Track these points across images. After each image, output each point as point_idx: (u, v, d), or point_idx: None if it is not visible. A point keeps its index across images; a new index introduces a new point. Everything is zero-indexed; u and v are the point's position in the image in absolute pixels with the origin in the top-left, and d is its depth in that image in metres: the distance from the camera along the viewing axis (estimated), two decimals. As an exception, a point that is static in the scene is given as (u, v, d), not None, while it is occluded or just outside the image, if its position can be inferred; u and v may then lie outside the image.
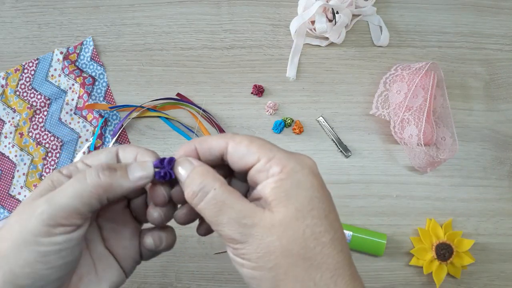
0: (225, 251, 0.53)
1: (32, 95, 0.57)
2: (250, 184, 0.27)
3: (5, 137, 0.56)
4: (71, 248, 0.25)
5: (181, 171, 0.26)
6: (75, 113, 0.57)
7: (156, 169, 0.26)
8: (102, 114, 0.56)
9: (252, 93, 0.57)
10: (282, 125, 0.56)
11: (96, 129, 0.56)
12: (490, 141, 0.57)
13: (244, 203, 0.25)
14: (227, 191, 0.25)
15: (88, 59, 0.58)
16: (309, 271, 0.24)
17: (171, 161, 0.27)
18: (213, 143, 0.27)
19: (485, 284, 0.53)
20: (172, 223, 0.31)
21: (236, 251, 0.25)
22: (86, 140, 0.56)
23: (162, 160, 0.27)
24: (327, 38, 0.59)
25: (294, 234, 0.24)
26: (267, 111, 0.56)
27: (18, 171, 0.55)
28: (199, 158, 0.27)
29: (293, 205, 0.24)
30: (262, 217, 0.24)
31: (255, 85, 0.57)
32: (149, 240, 0.30)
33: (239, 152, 0.26)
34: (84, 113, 0.57)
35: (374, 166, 0.56)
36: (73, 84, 0.57)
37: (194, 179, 0.25)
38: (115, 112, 0.57)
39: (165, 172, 0.26)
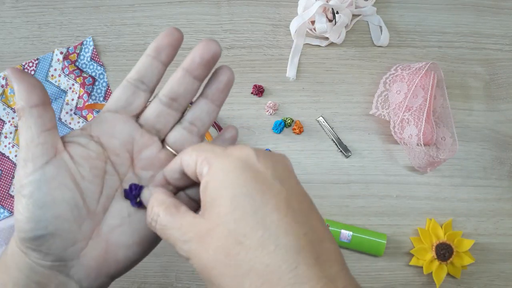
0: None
1: (32, 95, 0.57)
2: None
3: (5, 137, 0.56)
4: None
5: (145, 202, 0.26)
6: (75, 113, 0.57)
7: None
8: (102, 114, 0.56)
9: (252, 93, 0.57)
10: (282, 125, 0.56)
11: (96, 129, 0.56)
12: (490, 141, 0.57)
13: (185, 219, 0.23)
14: (169, 214, 0.24)
15: (88, 59, 0.58)
16: (237, 280, 0.21)
17: (136, 189, 0.27)
18: (171, 165, 0.26)
19: (485, 284, 0.53)
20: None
21: (190, 263, 0.23)
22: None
23: (131, 187, 0.27)
24: (327, 38, 0.59)
25: (219, 243, 0.21)
26: (267, 111, 0.56)
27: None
28: (169, 184, 0.27)
29: (216, 209, 0.22)
30: (196, 229, 0.23)
31: (255, 85, 0.57)
32: None
33: (186, 163, 0.25)
34: (84, 113, 0.57)
35: (374, 166, 0.56)
36: (73, 84, 0.57)
37: (147, 212, 0.25)
38: (115, 112, 0.57)
39: (134, 202, 0.27)
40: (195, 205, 0.28)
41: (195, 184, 0.26)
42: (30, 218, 0.24)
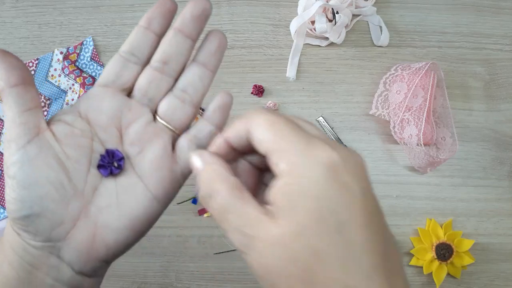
0: (225, 251, 0.53)
1: (32, 95, 0.57)
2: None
3: (5, 137, 0.56)
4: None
5: (194, 170, 0.24)
6: (75, 113, 0.57)
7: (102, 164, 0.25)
8: (102, 114, 0.56)
9: (252, 93, 0.57)
10: None
11: (96, 129, 0.56)
12: (490, 141, 0.57)
13: (249, 209, 0.21)
14: (233, 196, 0.22)
15: (88, 59, 0.58)
16: None
17: (114, 155, 0.25)
18: (236, 131, 0.24)
19: (485, 284, 0.53)
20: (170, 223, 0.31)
21: (243, 256, 0.22)
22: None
23: (108, 153, 0.25)
24: (327, 38, 0.59)
25: (294, 255, 0.20)
26: None
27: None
28: (233, 149, 0.25)
29: (295, 218, 0.20)
30: (264, 229, 0.21)
31: (255, 85, 0.57)
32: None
33: (256, 138, 0.23)
34: (84, 113, 0.57)
35: (374, 166, 0.56)
36: (73, 84, 0.57)
37: (202, 182, 0.23)
38: (115, 112, 0.57)
39: (109, 172, 0.25)
40: (254, 172, 0.25)
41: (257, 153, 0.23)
42: (15, 199, 0.24)
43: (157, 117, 0.27)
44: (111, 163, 0.25)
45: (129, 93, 0.27)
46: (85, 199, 0.25)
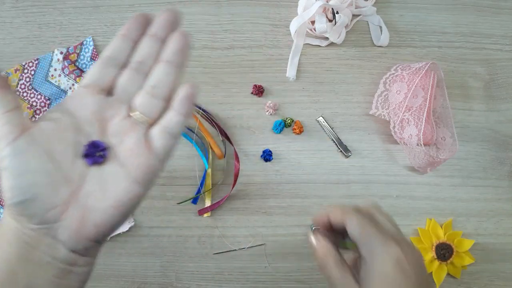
0: (225, 251, 0.53)
1: (32, 95, 0.57)
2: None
3: (5, 137, 0.56)
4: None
5: (312, 247, 0.36)
6: (75, 113, 0.57)
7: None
8: (102, 114, 0.56)
9: (252, 93, 0.57)
10: (282, 125, 0.56)
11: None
12: (490, 141, 0.57)
13: (346, 279, 0.33)
14: (338, 268, 0.34)
15: (88, 59, 0.58)
16: None
17: (97, 146, 0.29)
18: (336, 218, 0.36)
19: (485, 284, 0.53)
20: (169, 223, 0.31)
21: None
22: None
23: (92, 144, 0.29)
24: (327, 38, 0.59)
25: None
26: (267, 111, 0.56)
27: None
28: (330, 224, 0.37)
29: None
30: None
31: (255, 85, 0.57)
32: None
33: (349, 229, 0.35)
34: (84, 113, 0.57)
35: (374, 166, 0.56)
36: (73, 84, 0.57)
37: (317, 256, 0.35)
38: (115, 112, 0.57)
39: (93, 160, 0.29)
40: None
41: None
42: (9, 187, 0.27)
43: (130, 113, 0.30)
44: (95, 153, 0.29)
45: (108, 92, 0.31)
46: (74, 186, 0.28)
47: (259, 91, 0.57)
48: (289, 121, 0.56)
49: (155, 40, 0.31)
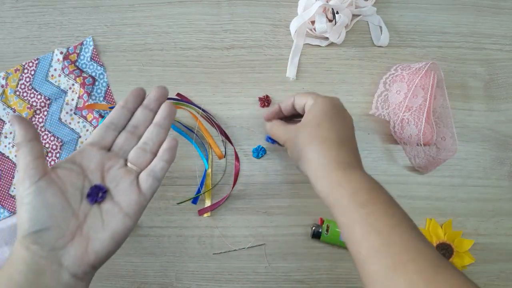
0: (225, 251, 0.53)
1: (32, 95, 0.57)
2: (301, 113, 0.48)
3: (5, 137, 0.56)
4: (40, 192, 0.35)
5: (268, 125, 0.52)
6: (75, 113, 0.57)
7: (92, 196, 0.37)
8: (102, 114, 0.56)
9: (261, 106, 0.57)
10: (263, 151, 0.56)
11: (96, 129, 0.56)
12: (490, 141, 0.57)
13: (290, 126, 0.48)
14: (282, 125, 0.49)
15: (88, 59, 0.58)
16: (312, 141, 0.43)
17: (99, 189, 0.37)
18: (286, 102, 0.49)
19: (485, 284, 0.53)
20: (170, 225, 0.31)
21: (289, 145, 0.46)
22: (86, 140, 0.56)
23: (95, 186, 0.37)
24: (327, 38, 0.59)
25: (308, 128, 0.44)
26: (262, 104, 0.56)
27: (18, 171, 0.55)
28: (281, 112, 0.51)
29: (311, 115, 0.44)
30: (295, 127, 0.46)
31: (260, 98, 0.57)
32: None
33: (298, 101, 0.47)
34: (84, 113, 0.57)
35: (374, 166, 0.56)
36: (73, 84, 0.57)
37: (269, 126, 0.51)
38: (115, 112, 0.57)
39: (94, 200, 0.37)
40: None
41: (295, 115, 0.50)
42: (29, 218, 0.33)
43: (128, 163, 0.39)
44: (97, 194, 0.37)
45: (109, 148, 0.40)
46: (80, 220, 0.36)
47: (267, 102, 0.57)
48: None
49: (147, 110, 0.41)
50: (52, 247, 0.34)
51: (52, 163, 0.55)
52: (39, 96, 0.57)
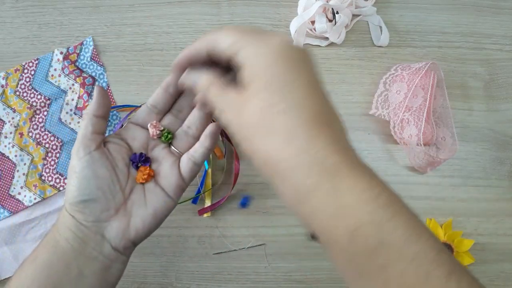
0: (225, 251, 0.53)
1: (32, 95, 0.57)
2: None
3: (5, 137, 0.56)
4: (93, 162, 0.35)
5: (196, 83, 0.35)
6: (75, 113, 0.57)
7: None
8: (102, 114, 0.56)
9: None
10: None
11: (96, 129, 0.56)
12: (490, 141, 0.57)
13: (229, 94, 0.30)
14: (219, 88, 0.32)
15: (88, 59, 0.58)
16: (267, 137, 0.27)
17: (141, 156, 0.38)
18: (197, 44, 0.33)
19: (485, 284, 0.53)
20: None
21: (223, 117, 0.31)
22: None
23: (135, 154, 0.38)
24: (327, 38, 0.59)
25: (254, 110, 0.28)
26: (152, 135, 0.42)
27: (18, 171, 0.55)
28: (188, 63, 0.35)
29: (254, 84, 0.28)
30: (237, 103, 0.30)
31: None
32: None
33: (222, 41, 0.31)
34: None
35: (374, 166, 0.55)
36: (73, 84, 0.57)
37: (199, 86, 0.34)
38: (115, 112, 0.57)
39: (135, 165, 0.38)
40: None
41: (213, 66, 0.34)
42: (79, 187, 0.34)
43: (171, 146, 0.40)
44: (140, 159, 0.38)
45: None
46: (125, 195, 0.36)
47: None
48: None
49: (191, 96, 0.39)
50: (97, 218, 0.35)
51: (52, 163, 0.55)
52: (39, 96, 0.57)
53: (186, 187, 0.38)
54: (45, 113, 0.57)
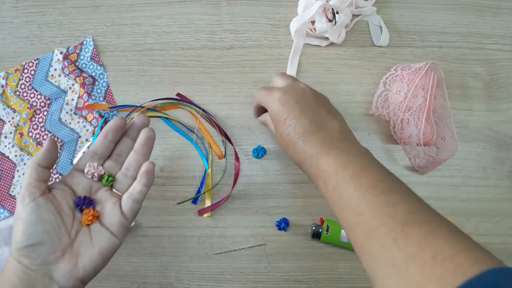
0: (225, 251, 0.53)
1: (32, 95, 0.57)
2: None
3: (5, 137, 0.56)
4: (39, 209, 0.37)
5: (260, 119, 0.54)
6: (75, 113, 0.57)
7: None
8: (102, 114, 0.56)
9: None
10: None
11: (96, 129, 0.56)
12: (490, 141, 0.57)
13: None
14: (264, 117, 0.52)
15: (88, 59, 0.58)
16: (286, 130, 0.44)
17: (86, 201, 0.41)
18: (256, 102, 0.51)
19: (485, 284, 0.53)
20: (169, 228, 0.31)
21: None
22: (86, 140, 0.56)
23: (79, 197, 0.41)
24: (327, 38, 0.59)
25: (279, 123, 0.45)
26: (89, 174, 0.43)
27: (18, 171, 0.55)
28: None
29: (276, 117, 0.45)
30: (275, 120, 0.46)
31: None
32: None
33: (259, 101, 0.49)
34: (84, 113, 0.57)
35: (374, 166, 0.56)
36: (73, 84, 0.57)
37: (260, 120, 0.54)
38: (115, 112, 0.57)
39: (79, 208, 0.41)
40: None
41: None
42: (25, 232, 0.36)
43: (113, 189, 0.43)
44: (83, 202, 0.41)
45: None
46: (71, 237, 0.39)
47: None
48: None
49: (129, 139, 0.44)
50: (44, 261, 0.36)
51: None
52: (39, 96, 0.57)
53: (129, 225, 0.41)
54: (45, 113, 0.57)
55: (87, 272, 0.38)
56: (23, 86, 0.57)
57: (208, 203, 0.54)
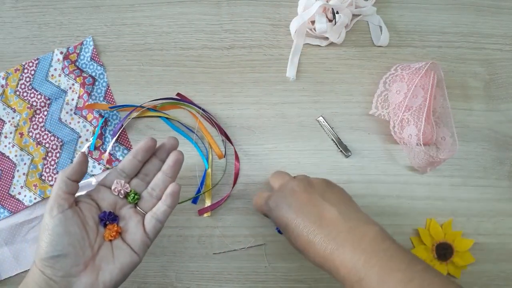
0: (225, 251, 0.53)
1: (32, 95, 0.57)
2: None
3: (5, 137, 0.56)
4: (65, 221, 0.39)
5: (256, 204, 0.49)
6: (75, 113, 0.57)
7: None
8: (102, 114, 0.56)
9: None
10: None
11: (96, 129, 0.56)
12: (490, 141, 0.57)
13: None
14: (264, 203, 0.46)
15: (88, 59, 0.58)
16: (299, 224, 0.41)
17: (110, 215, 0.42)
18: (255, 205, 0.49)
19: (485, 284, 0.53)
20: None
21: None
22: (86, 140, 0.56)
23: (104, 212, 0.42)
24: (327, 38, 0.59)
25: (287, 222, 0.42)
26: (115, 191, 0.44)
27: (18, 171, 0.55)
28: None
29: (279, 219, 0.43)
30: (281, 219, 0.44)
31: None
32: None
33: (259, 209, 0.48)
34: (84, 113, 0.57)
35: (374, 166, 0.56)
36: (73, 84, 0.57)
37: (255, 204, 0.49)
38: (115, 112, 0.57)
39: (103, 223, 0.42)
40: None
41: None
42: (51, 243, 0.37)
43: (137, 207, 0.44)
44: (108, 217, 0.42)
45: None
46: (94, 251, 0.40)
47: None
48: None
49: (157, 160, 0.46)
50: (67, 273, 0.37)
51: (52, 162, 0.55)
52: (39, 96, 0.57)
53: (150, 243, 0.42)
54: (45, 113, 0.57)
55: (107, 286, 0.38)
56: (23, 86, 0.57)
57: (208, 203, 0.54)
